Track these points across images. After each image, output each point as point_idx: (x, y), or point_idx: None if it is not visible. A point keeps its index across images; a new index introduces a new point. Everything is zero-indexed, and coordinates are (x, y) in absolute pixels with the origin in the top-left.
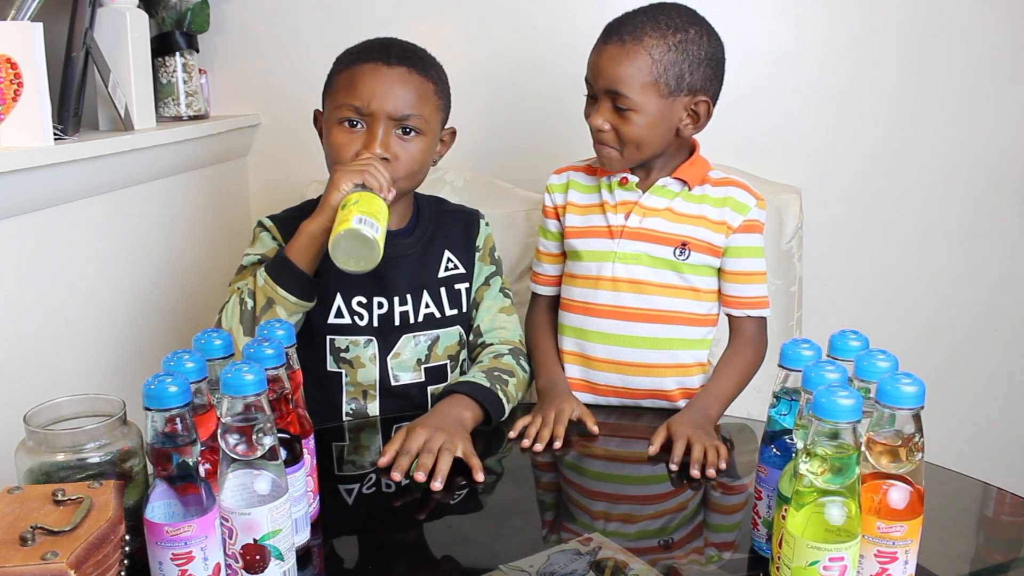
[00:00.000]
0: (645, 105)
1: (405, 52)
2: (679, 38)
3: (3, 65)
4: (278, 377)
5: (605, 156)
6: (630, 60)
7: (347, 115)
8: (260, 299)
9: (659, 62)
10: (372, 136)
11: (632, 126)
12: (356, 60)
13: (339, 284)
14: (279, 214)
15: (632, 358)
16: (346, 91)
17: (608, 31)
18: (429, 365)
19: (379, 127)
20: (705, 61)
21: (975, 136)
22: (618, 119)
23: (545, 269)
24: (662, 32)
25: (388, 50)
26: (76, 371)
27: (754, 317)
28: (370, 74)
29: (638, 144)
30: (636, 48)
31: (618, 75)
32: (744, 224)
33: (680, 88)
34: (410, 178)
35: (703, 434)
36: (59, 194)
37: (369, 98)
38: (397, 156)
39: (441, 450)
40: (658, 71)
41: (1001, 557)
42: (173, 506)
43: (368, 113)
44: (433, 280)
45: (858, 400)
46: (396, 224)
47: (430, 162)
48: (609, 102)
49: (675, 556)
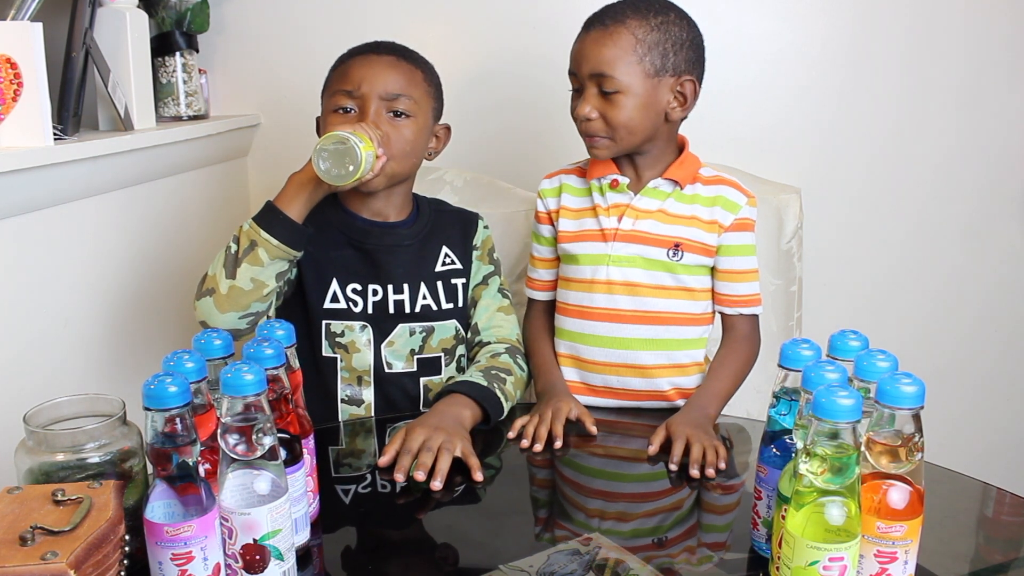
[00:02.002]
0: (632, 86)
1: (394, 45)
2: (660, 20)
3: (3, 65)
4: (278, 377)
5: (597, 147)
6: (613, 41)
7: (340, 102)
8: (244, 242)
9: (643, 41)
10: (364, 116)
11: (620, 109)
12: (348, 56)
13: (336, 271)
14: None
15: (629, 360)
16: (338, 81)
17: (589, 22)
18: (422, 356)
19: (371, 107)
20: (687, 43)
21: (975, 136)
22: (605, 104)
23: (540, 274)
24: (643, 14)
25: (378, 43)
26: (76, 371)
27: (747, 315)
28: (360, 62)
29: (628, 128)
30: (618, 29)
31: (603, 56)
32: (735, 223)
33: (665, 68)
34: (402, 160)
35: (702, 433)
36: (59, 194)
37: (360, 81)
38: (388, 136)
39: (440, 449)
40: (643, 50)
41: (1001, 557)
42: (173, 506)
43: (359, 96)
44: (430, 273)
45: (858, 400)
46: (395, 216)
47: (423, 150)
48: (595, 88)
49: (674, 555)
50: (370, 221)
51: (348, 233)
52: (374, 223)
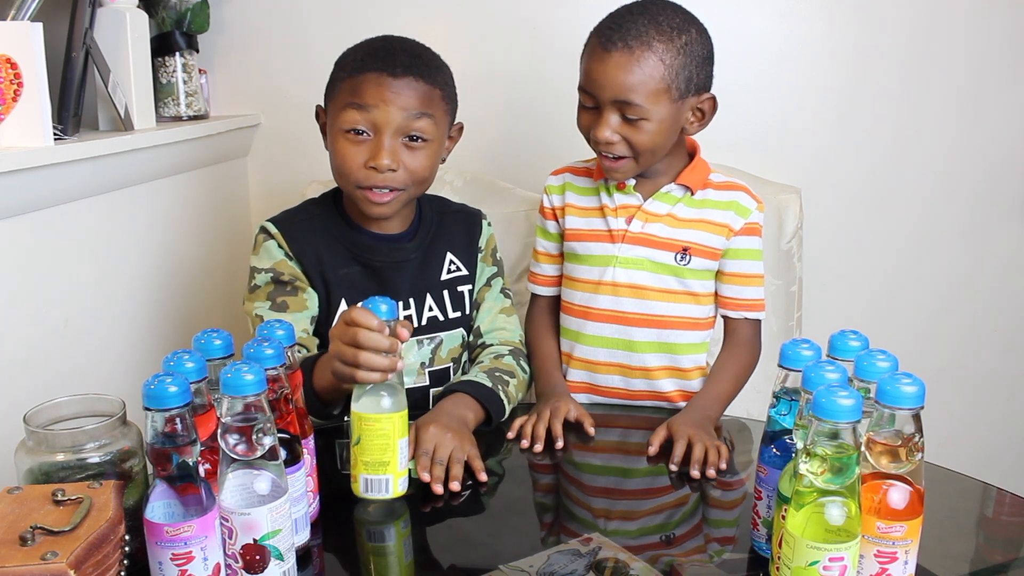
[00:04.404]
0: (657, 112)
1: (410, 59)
2: (684, 40)
3: (3, 65)
4: (278, 377)
5: (618, 170)
6: (641, 67)
7: (353, 120)
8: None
9: (670, 67)
10: (379, 147)
11: (644, 134)
12: (360, 68)
13: (344, 290)
14: (280, 216)
15: (631, 362)
16: (350, 93)
17: (607, 36)
18: (433, 368)
19: (385, 138)
20: (707, 59)
21: (975, 136)
22: (629, 129)
23: (544, 269)
24: (668, 35)
25: (393, 57)
26: (76, 371)
27: (750, 319)
28: (375, 85)
29: (652, 151)
30: (645, 54)
31: (628, 84)
32: (745, 227)
33: (689, 90)
34: (421, 184)
35: (703, 434)
36: (59, 194)
37: (374, 109)
38: (405, 165)
39: (452, 460)
40: (670, 77)
41: (1001, 557)
42: (173, 506)
43: (373, 120)
44: (436, 283)
45: (858, 400)
46: (399, 228)
47: (438, 166)
48: (616, 113)
49: (675, 555)
50: (376, 235)
51: (355, 250)
52: (380, 237)
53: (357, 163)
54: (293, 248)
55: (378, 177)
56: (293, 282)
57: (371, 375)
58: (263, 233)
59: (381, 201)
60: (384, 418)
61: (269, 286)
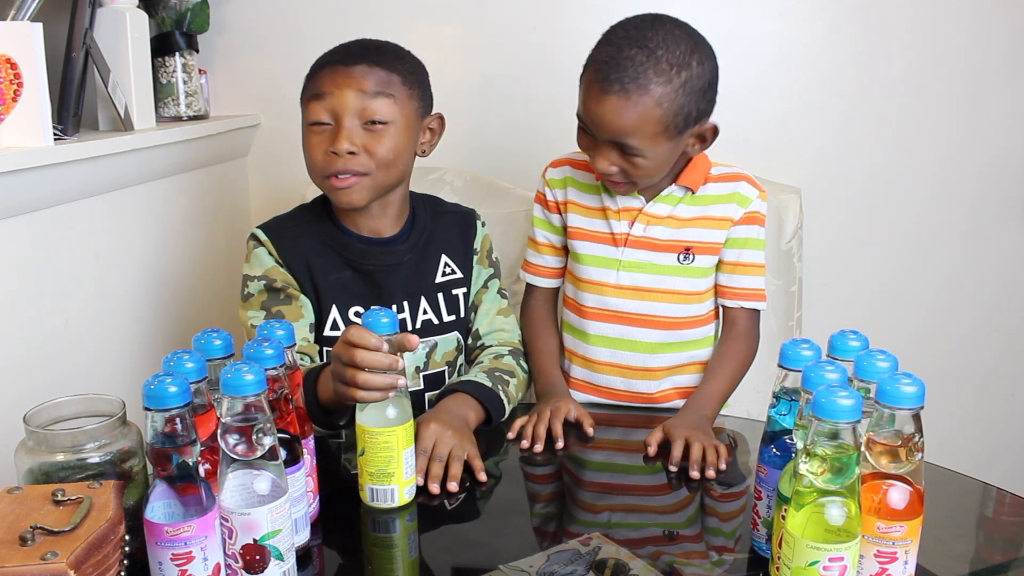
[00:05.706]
0: (654, 150)
1: (364, 49)
2: (683, 77)
3: (3, 65)
4: (278, 377)
5: (618, 190)
6: (637, 112)
7: (316, 114)
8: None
9: (668, 110)
10: (338, 132)
11: (642, 169)
12: (319, 66)
13: (335, 296)
14: (270, 222)
15: (634, 362)
16: (311, 87)
17: (603, 75)
18: (427, 372)
19: (343, 123)
20: (707, 87)
21: (975, 136)
22: (626, 163)
23: (546, 261)
24: (667, 76)
25: (347, 50)
26: (76, 371)
27: (748, 309)
28: (329, 75)
29: (652, 177)
30: (642, 99)
31: (624, 128)
32: (745, 216)
33: (688, 124)
34: (387, 168)
35: (701, 434)
36: (59, 194)
37: (329, 97)
38: (366, 147)
39: (452, 458)
40: (668, 118)
41: (1001, 557)
42: (173, 506)
43: (331, 112)
44: (430, 286)
45: (858, 400)
46: (391, 229)
47: (409, 153)
48: (614, 149)
49: (675, 555)
50: (367, 239)
51: (346, 254)
52: (372, 241)
53: (321, 152)
54: (282, 255)
55: (339, 162)
56: (286, 289)
57: (371, 395)
58: (253, 240)
59: (344, 186)
60: (387, 431)
61: (263, 294)
